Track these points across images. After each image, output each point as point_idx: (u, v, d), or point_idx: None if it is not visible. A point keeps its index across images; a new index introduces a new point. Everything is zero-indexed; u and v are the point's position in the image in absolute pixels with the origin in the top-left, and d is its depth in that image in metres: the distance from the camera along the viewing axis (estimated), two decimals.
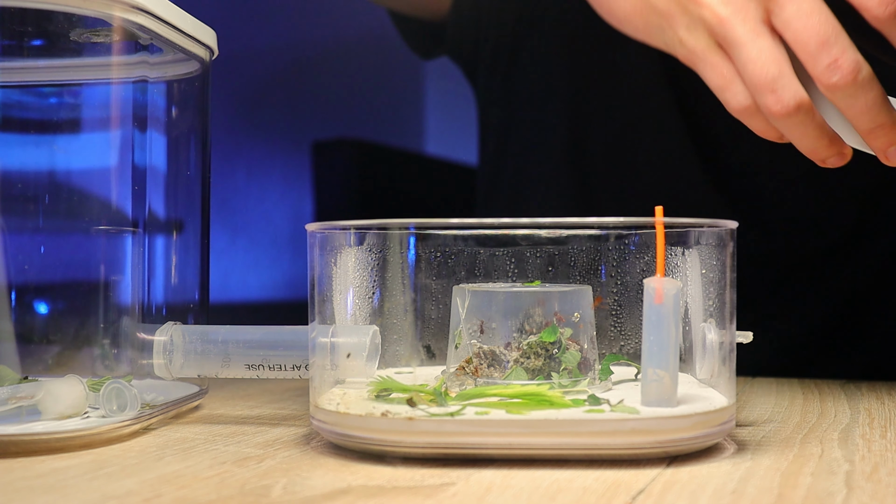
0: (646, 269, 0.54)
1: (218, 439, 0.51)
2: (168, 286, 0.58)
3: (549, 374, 0.50)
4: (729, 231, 0.49)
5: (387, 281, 0.55)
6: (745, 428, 0.53)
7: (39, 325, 0.57)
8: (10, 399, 0.49)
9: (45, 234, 0.56)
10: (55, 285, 0.57)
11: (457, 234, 0.57)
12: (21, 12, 0.53)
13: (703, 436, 0.46)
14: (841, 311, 0.83)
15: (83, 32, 0.54)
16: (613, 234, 0.55)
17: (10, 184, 0.57)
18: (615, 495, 0.40)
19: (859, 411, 0.59)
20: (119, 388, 0.51)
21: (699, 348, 0.50)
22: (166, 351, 0.54)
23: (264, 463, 0.46)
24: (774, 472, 0.44)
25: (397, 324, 0.56)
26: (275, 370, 0.53)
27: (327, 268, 0.51)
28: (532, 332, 0.51)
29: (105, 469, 0.44)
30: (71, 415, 0.50)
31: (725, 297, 0.49)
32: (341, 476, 0.43)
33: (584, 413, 0.45)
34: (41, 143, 0.58)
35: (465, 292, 0.52)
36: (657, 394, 0.46)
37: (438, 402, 0.47)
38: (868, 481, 0.42)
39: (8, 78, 0.57)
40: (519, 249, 0.57)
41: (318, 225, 0.51)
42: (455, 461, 0.45)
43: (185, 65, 0.60)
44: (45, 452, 0.47)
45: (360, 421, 0.46)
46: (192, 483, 0.42)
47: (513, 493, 0.40)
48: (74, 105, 0.59)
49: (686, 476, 0.43)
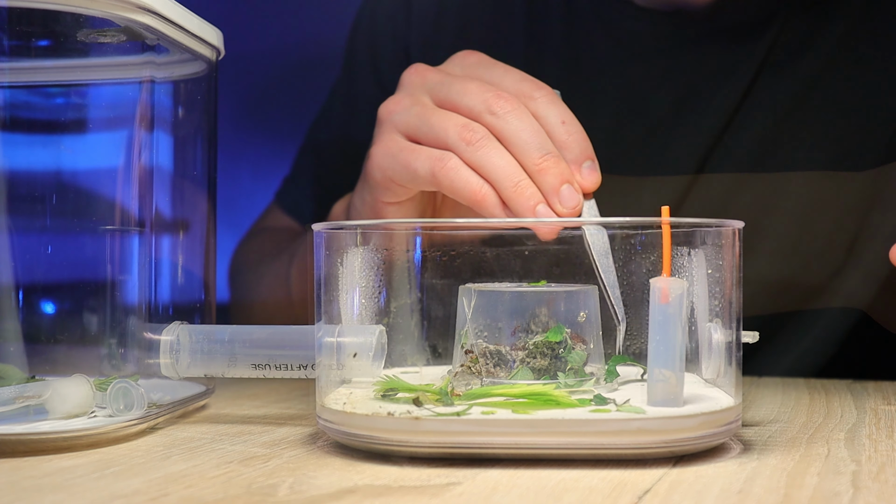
0: (652, 268, 0.54)
1: (224, 439, 0.51)
2: (174, 286, 0.58)
3: (555, 373, 0.50)
4: (735, 231, 0.49)
5: (393, 281, 0.55)
6: (751, 428, 0.53)
7: (46, 325, 0.57)
8: (17, 398, 0.49)
9: (51, 234, 0.57)
10: (62, 285, 0.57)
11: (463, 234, 0.57)
12: (28, 13, 0.53)
13: (709, 436, 0.46)
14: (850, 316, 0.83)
15: (90, 33, 0.54)
16: (619, 234, 0.55)
17: (18, 184, 0.57)
18: (621, 495, 0.40)
19: (865, 411, 0.59)
20: (126, 387, 0.51)
21: (705, 348, 0.49)
22: (173, 350, 0.54)
23: (270, 462, 0.46)
24: (780, 472, 0.44)
25: (403, 323, 0.56)
26: (281, 370, 0.53)
27: (333, 267, 0.51)
28: (538, 332, 0.51)
29: (112, 468, 0.45)
30: (77, 414, 0.50)
31: (731, 297, 0.49)
32: (347, 475, 0.43)
33: (590, 413, 0.45)
34: (48, 143, 0.58)
35: (471, 292, 0.52)
36: (663, 394, 0.46)
37: (444, 401, 0.47)
38: (874, 481, 0.42)
39: (15, 78, 0.57)
40: (524, 249, 0.57)
41: (325, 225, 0.51)
42: (461, 461, 0.45)
43: (191, 65, 0.60)
44: (51, 451, 0.48)
45: (366, 420, 0.46)
46: (199, 482, 0.42)
47: (519, 492, 0.40)
48: (81, 105, 0.60)
49: (692, 476, 0.43)
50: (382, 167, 0.61)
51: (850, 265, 0.80)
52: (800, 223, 0.79)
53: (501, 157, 0.56)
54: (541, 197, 0.55)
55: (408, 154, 0.59)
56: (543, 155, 0.56)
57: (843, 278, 0.80)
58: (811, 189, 0.79)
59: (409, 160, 0.59)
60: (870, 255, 0.79)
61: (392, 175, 0.60)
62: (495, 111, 0.57)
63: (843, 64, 0.78)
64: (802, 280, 0.82)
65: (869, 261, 0.80)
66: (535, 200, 0.55)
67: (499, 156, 0.56)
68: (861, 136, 0.78)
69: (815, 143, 0.78)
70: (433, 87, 0.61)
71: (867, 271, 0.80)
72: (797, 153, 0.78)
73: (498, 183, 0.56)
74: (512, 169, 0.56)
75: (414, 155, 0.59)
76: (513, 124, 0.57)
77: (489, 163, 0.56)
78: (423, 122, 0.59)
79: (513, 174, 0.56)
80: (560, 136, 0.57)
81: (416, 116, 0.60)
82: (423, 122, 0.59)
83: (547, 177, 0.55)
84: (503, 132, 0.57)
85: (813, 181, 0.78)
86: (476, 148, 0.56)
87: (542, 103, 0.58)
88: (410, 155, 0.59)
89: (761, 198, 0.79)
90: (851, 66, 0.78)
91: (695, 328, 0.50)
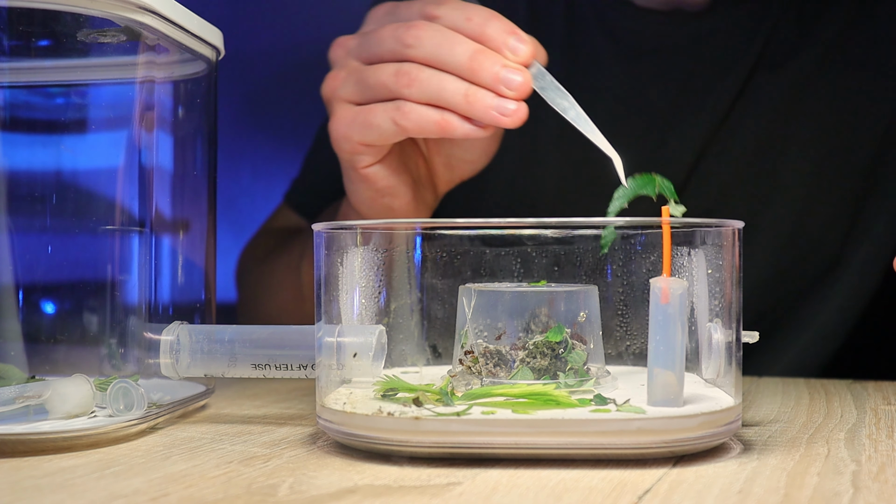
0: (652, 268, 0.54)
1: (224, 438, 0.51)
2: (175, 286, 0.58)
3: (556, 373, 0.50)
4: (735, 231, 0.49)
5: (393, 281, 0.55)
6: (751, 428, 0.53)
7: (46, 325, 0.57)
8: (17, 398, 0.49)
9: (52, 234, 0.57)
10: (62, 285, 0.57)
11: (463, 234, 0.57)
12: (28, 13, 0.53)
13: (710, 436, 0.46)
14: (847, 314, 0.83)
15: (90, 33, 0.54)
16: (620, 234, 0.55)
17: (18, 184, 0.57)
18: (621, 495, 0.40)
19: (865, 411, 0.59)
20: (126, 387, 0.51)
21: (705, 348, 0.50)
22: (173, 350, 0.54)
23: (271, 462, 0.46)
24: (781, 472, 0.44)
25: (403, 323, 0.56)
26: (281, 370, 0.53)
27: (333, 268, 0.51)
28: (538, 332, 0.51)
29: (112, 468, 0.45)
30: (78, 414, 0.50)
31: (732, 297, 0.49)
32: (348, 475, 0.43)
33: (590, 413, 0.45)
34: (48, 143, 0.58)
35: (472, 292, 0.52)
36: (663, 393, 0.46)
37: (444, 401, 0.47)
38: (874, 481, 0.42)
39: (15, 78, 0.57)
40: (525, 249, 0.57)
41: (325, 225, 0.51)
42: (461, 461, 0.45)
43: (191, 65, 0.60)
44: (52, 451, 0.48)
45: (367, 420, 0.46)
46: (199, 482, 0.42)
47: (519, 492, 0.40)
48: (81, 105, 0.60)
49: (692, 476, 0.43)
50: (348, 136, 0.63)
51: (845, 260, 0.81)
52: (794, 217, 0.80)
53: (440, 81, 0.59)
54: (490, 94, 0.58)
55: (365, 115, 0.61)
56: (468, 56, 0.58)
57: (838, 273, 0.81)
58: (806, 183, 0.80)
59: (369, 119, 0.61)
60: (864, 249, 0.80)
61: (360, 138, 0.62)
62: (410, 43, 0.59)
63: (835, 62, 0.79)
64: (798, 274, 0.82)
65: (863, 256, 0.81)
66: (486, 100, 0.58)
67: (437, 81, 0.59)
68: (854, 132, 0.80)
69: (809, 139, 0.79)
70: (355, 50, 0.63)
71: (862, 266, 0.81)
72: (791, 149, 0.79)
73: (451, 104, 0.58)
74: (454, 85, 0.58)
75: (372, 114, 0.61)
76: (429, 47, 0.59)
77: (433, 91, 0.59)
78: (362, 84, 0.61)
79: (457, 89, 0.58)
80: (474, 32, 0.59)
81: (354, 83, 0.62)
82: (362, 84, 0.61)
83: (483, 73, 0.58)
84: (427, 57, 0.59)
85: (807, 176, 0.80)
86: (416, 85, 0.59)
87: (446, 14, 0.60)
88: (368, 115, 0.61)
89: (756, 193, 0.81)
90: (844, 65, 0.79)
91: (695, 328, 0.50)
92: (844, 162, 0.80)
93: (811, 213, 0.81)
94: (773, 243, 0.81)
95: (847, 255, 0.81)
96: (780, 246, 0.81)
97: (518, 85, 0.57)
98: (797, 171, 0.80)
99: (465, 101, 0.58)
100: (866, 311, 0.82)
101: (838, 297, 0.82)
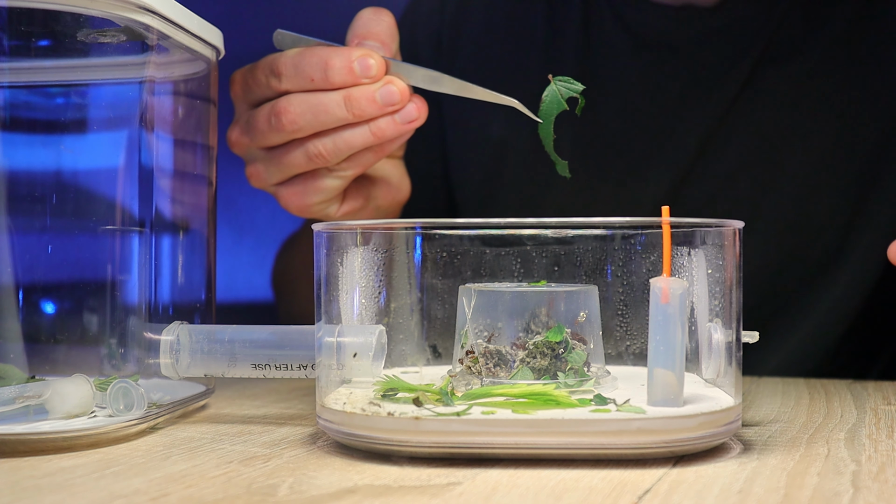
0: (652, 268, 0.54)
1: (224, 438, 0.51)
2: (175, 286, 0.58)
3: (556, 373, 0.50)
4: (735, 231, 0.49)
5: (393, 281, 0.55)
6: (751, 428, 0.53)
7: (46, 325, 0.57)
8: (17, 398, 0.49)
9: (52, 234, 0.57)
10: (62, 285, 0.57)
11: (463, 234, 0.57)
12: (28, 13, 0.53)
13: (710, 435, 0.46)
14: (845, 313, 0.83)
15: (90, 33, 0.54)
16: (619, 234, 0.55)
17: (18, 184, 0.57)
18: (621, 495, 0.40)
19: (865, 411, 0.59)
20: (126, 387, 0.51)
21: (705, 348, 0.50)
22: (173, 350, 0.54)
23: (271, 462, 0.46)
24: (781, 472, 0.44)
25: (403, 323, 0.56)
26: (281, 370, 0.53)
27: (333, 267, 0.51)
28: (538, 332, 0.51)
29: (112, 468, 0.45)
30: (78, 414, 0.50)
31: (732, 297, 0.49)
32: (348, 475, 0.43)
33: (590, 413, 0.45)
34: (48, 143, 0.58)
35: (472, 292, 0.52)
36: (663, 393, 0.46)
37: (444, 401, 0.47)
38: (874, 481, 0.42)
39: (15, 78, 0.57)
40: (525, 249, 0.57)
41: (325, 225, 0.51)
42: (461, 461, 0.45)
43: (191, 65, 0.60)
44: (52, 451, 0.48)
45: (367, 420, 0.46)
46: (199, 482, 0.42)
47: (519, 492, 0.40)
48: (81, 105, 0.60)
49: (692, 476, 0.43)
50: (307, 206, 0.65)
51: (847, 250, 0.82)
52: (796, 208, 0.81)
53: (348, 139, 0.60)
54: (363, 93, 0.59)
55: (280, 157, 0.63)
56: (343, 105, 0.59)
57: (839, 264, 0.82)
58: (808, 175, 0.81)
59: (316, 185, 0.64)
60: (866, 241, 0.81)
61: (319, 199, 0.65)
62: (288, 129, 0.61)
63: (841, 58, 0.81)
64: (799, 264, 0.83)
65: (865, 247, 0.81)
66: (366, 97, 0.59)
67: (345, 140, 0.61)
68: (857, 126, 0.81)
69: (813, 132, 0.81)
70: (249, 137, 0.64)
71: (864, 258, 0.82)
72: (795, 141, 0.81)
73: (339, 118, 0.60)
74: (329, 98, 0.60)
75: (288, 156, 0.63)
76: (309, 120, 0.60)
77: (314, 115, 0.60)
78: (283, 167, 0.63)
79: (333, 101, 0.59)
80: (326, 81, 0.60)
81: (276, 170, 0.64)
82: (283, 167, 0.63)
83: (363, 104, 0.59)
84: (312, 129, 0.61)
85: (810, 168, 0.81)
86: (329, 156, 0.61)
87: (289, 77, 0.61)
88: (284, 157, 0.63)
89: (759, 183, 0.82)
90: (849, 60, 0.81)
91: (695, 328, 0.50)
92: (848, 155, 0.82)
93: (813, 204, 0.82)
94: (775, 233, 0.82)
95: (848, 247, 0.82)
96: (781, 236, 0.82)
97: (390, 99, 0.59)
98: (800, 162, 0.82)
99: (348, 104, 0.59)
100: (867, 302, 0.83)
101: (839, 287, 0.83)
